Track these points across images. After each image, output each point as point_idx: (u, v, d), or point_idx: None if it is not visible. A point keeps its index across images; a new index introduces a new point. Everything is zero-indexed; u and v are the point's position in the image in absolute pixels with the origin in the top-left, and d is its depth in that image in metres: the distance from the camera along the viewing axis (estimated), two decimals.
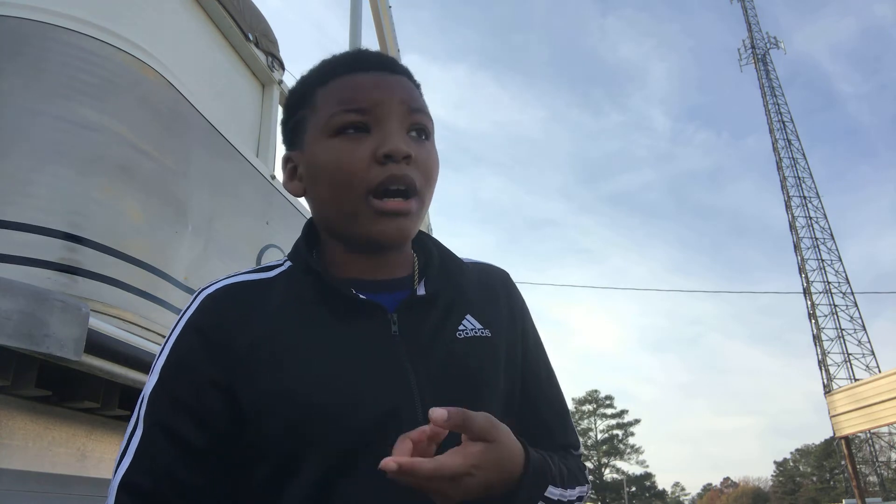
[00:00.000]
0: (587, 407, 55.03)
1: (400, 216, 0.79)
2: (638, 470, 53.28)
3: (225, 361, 0.76)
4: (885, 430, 36.90)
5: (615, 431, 53.86)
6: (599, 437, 54.07)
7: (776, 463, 58.90)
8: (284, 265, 0.86)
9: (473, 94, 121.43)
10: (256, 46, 3.49)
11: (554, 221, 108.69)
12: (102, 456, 2.21)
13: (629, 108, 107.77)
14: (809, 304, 39.78)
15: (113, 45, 2.19)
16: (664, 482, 76.26)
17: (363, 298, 0.80)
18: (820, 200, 41.88)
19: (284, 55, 3.82)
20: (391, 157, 0.78)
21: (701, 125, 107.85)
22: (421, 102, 0.85)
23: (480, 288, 0.91)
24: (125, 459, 0.74)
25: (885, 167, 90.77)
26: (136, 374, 1.92)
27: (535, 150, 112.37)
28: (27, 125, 1.98)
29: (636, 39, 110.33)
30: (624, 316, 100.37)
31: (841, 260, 40.52)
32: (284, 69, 3.80)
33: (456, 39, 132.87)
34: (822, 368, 38.04)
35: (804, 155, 43.05)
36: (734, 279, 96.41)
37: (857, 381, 22.57)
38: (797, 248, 41.00)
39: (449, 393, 0.77)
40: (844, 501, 25.86)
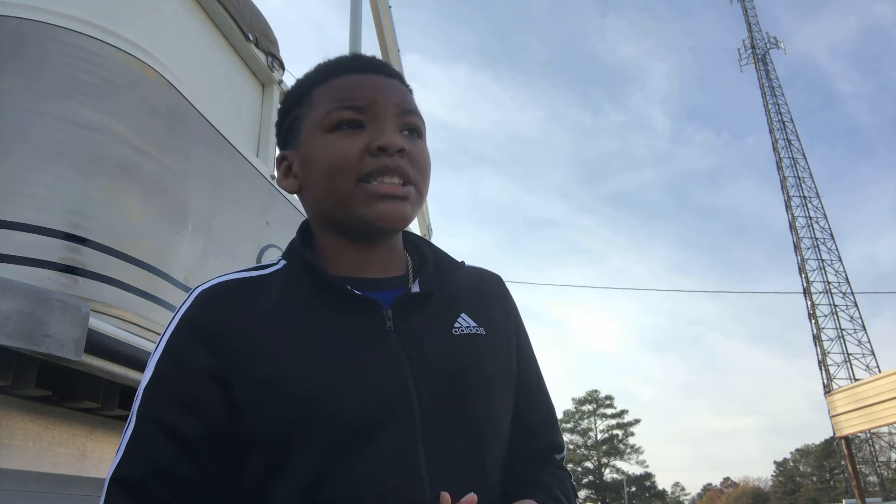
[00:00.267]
0: (587, 407, 55.03)
1: (397, 199, 0.81)
2: (638, 470, 53.30)
3: (219, 355, 0.76)
4: (885, 430, 36.93)
5: (615, 431, 53.82)
6: (599, 437, 54.06)
7: (776, 463, 58.96)
8: (279, 264, 0.88)
9: (473, 93, 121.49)
10: (256, 46, 3.49)
11: (554, 221, 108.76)
12: (102, 456, 2.21)
13: (629, 107, 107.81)
14: (809, 304, 39.78)
15: (113, 45, 2.19)
16: (664, 482, 76.41)
17: (358, 294, 0.81)
18: (820, 200, 41.87)
19: (284, 55, 3.82)
20: (385, 149, 0.80)
21: (701, 125, 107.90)
22: (414, 105, 0.88)
23: (475, 288, 0.92)
24: (118, 454, 0.75)
25: (885, 167, 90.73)
26: (136, 373, 1.92)
27: (534, 149, 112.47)
28: (27, 125, 1.98)
29: (636, 39, 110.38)
30: (624, 316, 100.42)
31: (841, 260, 40.51)
32: (284, 69, 3.80)
33: (456, 39, 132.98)
34: (822, 368, 38.05)
35: (804, 155, 43.03)
36: (734, 279, 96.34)
37: (857, 381, 22.57)
38: (797, 248, 41.01)
39: (443, 386, 0.78)
40: (844, 501, 25.85)
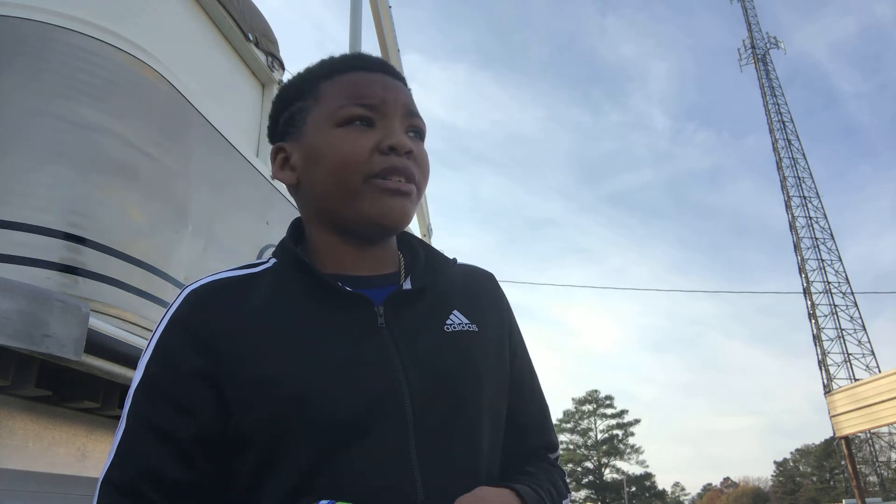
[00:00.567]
0: (587, 407, 55.01)
1: (402, 195, 0.82)
2: (638, 470, 53.28)
3: (209, 354, 0.76)
4: (885, 430, 36.92)
5: (615, 431, 53.80)
6: (599, 437, 54.03)
7: (776, 463, 58.91)
8: (270, 262, 0.88)
9: (473, 93, 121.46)
10: (256, 46, 3.49)
11: (554, 221, 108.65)
12: (102, 456, 2.21)
13: (629, 107, 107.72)
14: (809, 304, 39.76)
15: (113, 45, 2.19)
16: (664, 482, 76.41)
17: (349, 291, 0.81)
18: (820, 200, 41.85)
19: (284, 55, 3.82)
20: (395, 149, 0.82)
21: (701, 125, 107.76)
22: (416, 108, 0.89)
23: (467, 286, 0.92)
24: (110, 456, 0.75)
25: (885, 167, 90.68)
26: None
27: (534, 149, 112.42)
28: (27, 125, 1.98)
29: (636, 39, 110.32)
30: (624, 316, 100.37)
31: (841, 260, 40.49)
32: (284, 69, 3.80)
33: (455, 39, 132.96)
34: (822, 368, 38.04)
35: (804, 155, 43.00)
36: (734, 279, 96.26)
37: (857, 381, 22.57)
38: (797, 248, 41.00)
39: (435, 383, 0.78)
40: (844, 501, 25.83)
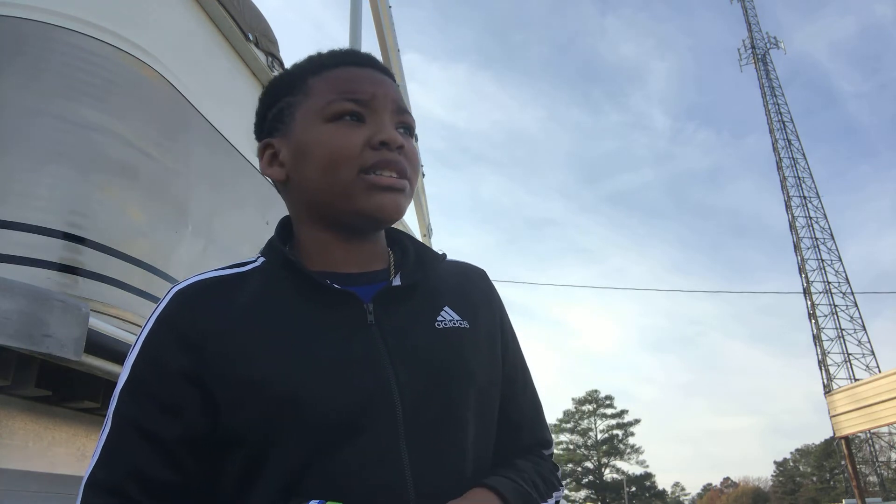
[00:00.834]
0: (587, 407, 54.98)
1: (395, 191, 0.82)
2: (638, 470, 53.25)
3: (196, 354, 0.75)
4: (885, 430, 36.90)
5: (615, 431, 53.78)
6: (599, 437, 54.01)
7: (776, 463, 58.92)
8: (258, 261, 0.87)
9: (473, 93, 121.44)
10: (256, 46, 3.49)
11: (554, 221, 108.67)
12: None
13: (629, 107, 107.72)
14: (809, 304, 39.73)
15: (113, 45, 2.19)
16: (664, 482, 76.35)
17: (338, 288, 0.80)
18: (820, 200, 41.80)
19: (284, 55, 3.82)
20: (387, 144, 0.81)
21: (701, 125, 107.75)
22: (405, 104, 0.89)
23: (458, 282, 0.92)
24: (94, 457, 0.74)
25: (885, 167, 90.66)
26: None
27: (534, 149, 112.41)
28: (27, 125, 1.98)
29: (636, 39, 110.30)
30: (624, 316, 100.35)
31: (841, 260, 40.45)
32: (284, 69, 3.80)
33: (455, 39, 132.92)
34: (822, 368, 38.02)
35: (804, 155, 42.95)
36: (734, 279, 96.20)
37: (857, 381, 22.56)
38: (797, 248, 40.97)
39: (425, 381, 0.78)
40: (844, 501, 25.84)
